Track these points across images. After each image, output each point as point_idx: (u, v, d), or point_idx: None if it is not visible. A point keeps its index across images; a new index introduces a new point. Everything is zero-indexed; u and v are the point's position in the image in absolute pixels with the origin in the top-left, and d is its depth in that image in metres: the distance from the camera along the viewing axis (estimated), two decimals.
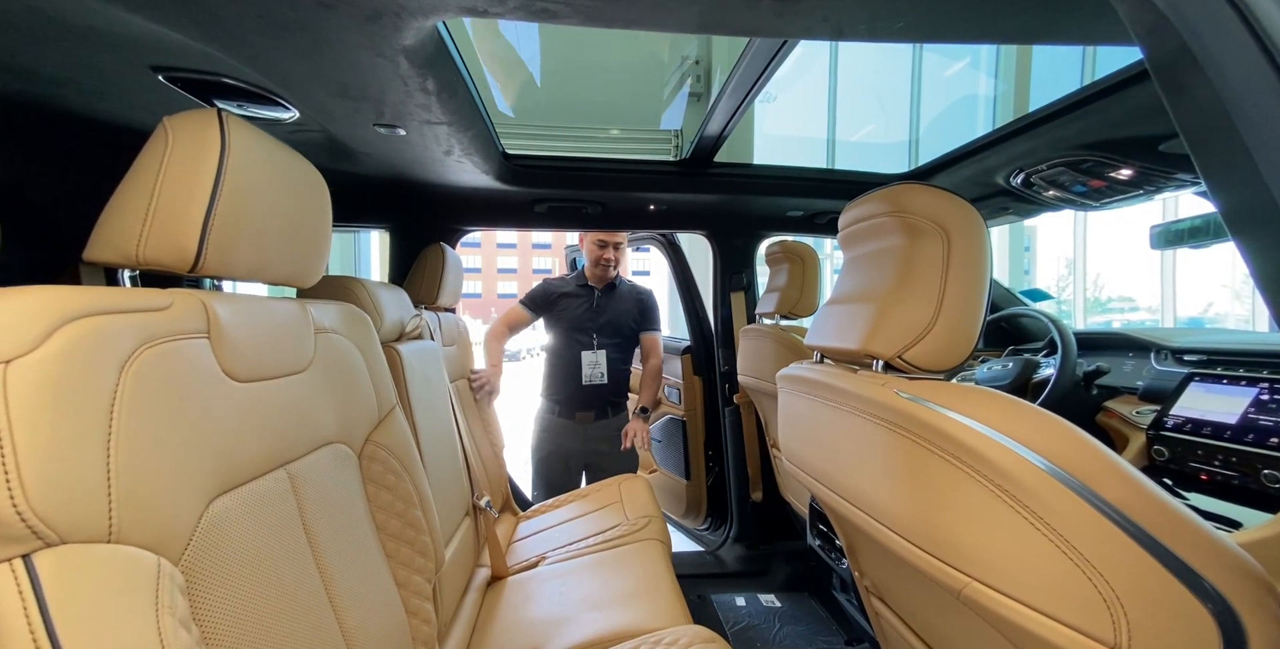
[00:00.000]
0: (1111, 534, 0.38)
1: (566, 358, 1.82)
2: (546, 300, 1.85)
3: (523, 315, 1.86)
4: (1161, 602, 0.37)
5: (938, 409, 0.47)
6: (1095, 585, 0.38)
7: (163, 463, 0.41)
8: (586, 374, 1.81)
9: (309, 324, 0.68)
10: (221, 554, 0.46)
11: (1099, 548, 0.38)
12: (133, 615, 0.35)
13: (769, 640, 1.45)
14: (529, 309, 1.86)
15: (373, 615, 0.66)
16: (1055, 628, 0.40)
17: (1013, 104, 6.89)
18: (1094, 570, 0.38)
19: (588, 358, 1.81)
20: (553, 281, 1.90)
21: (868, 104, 6.88)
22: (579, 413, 1.83)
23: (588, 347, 1.82)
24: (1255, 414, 0.94)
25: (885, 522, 0.55)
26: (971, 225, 0.53)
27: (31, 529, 0.32)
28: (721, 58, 5.88)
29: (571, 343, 1.82)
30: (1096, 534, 0.38)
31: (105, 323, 0.39)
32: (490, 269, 35.12)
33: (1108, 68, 0.94)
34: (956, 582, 0.46)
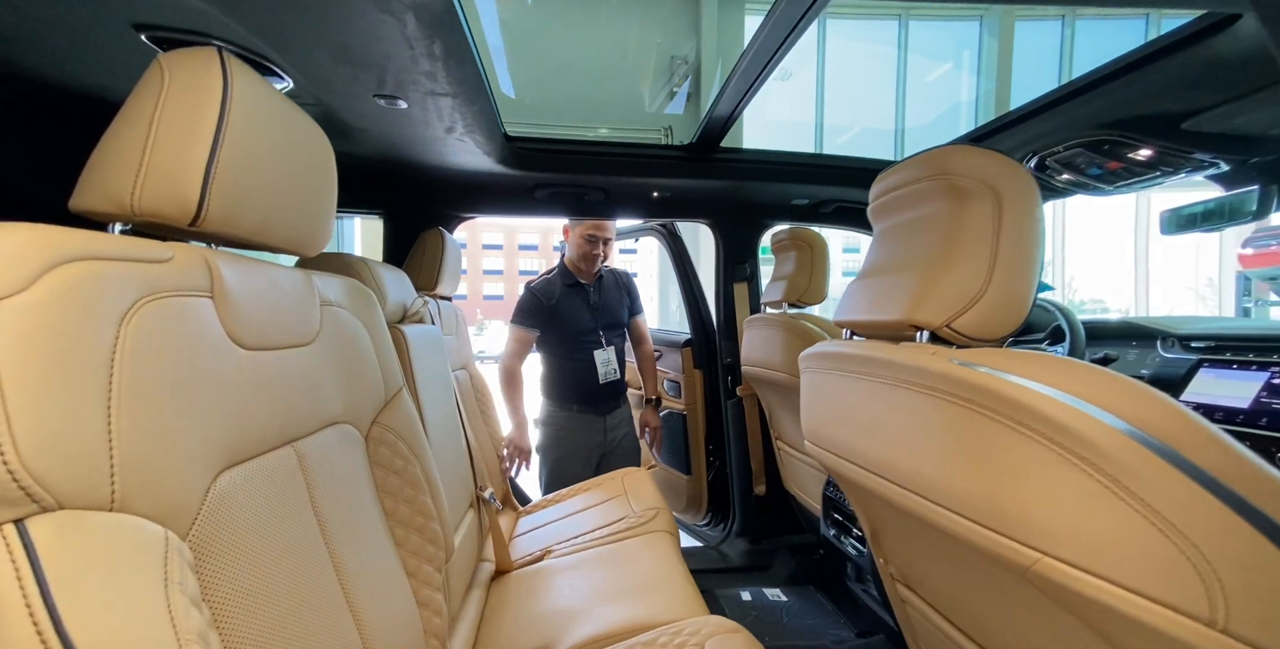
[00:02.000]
0: (1204, 501, 0.36)
1: (578, 360, 1.77)
2: (544, 310, 1.75)
3: (528, 337, 1.75)
4: (1261, 572, 0.34)
5: (1002, 375, 0.44)
6: (1188, 557, 0.36)
7: (167, 428, 0.37)
8: (602, 373, 1.77)
9: (314, 295, 0.64)
10: (230, 532, 0.42)
11: (1191, 517, 0.36)
12: (140, 591, 0.31)
13: (778, 635, 1.43)
14: (531, 327, 1.75)
15: (385, 605, 0.62)
16: (1141, 604, 0.37)
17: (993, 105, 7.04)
18: (1186, 541, 0.36)
19: (600, 357, 1.77)
20: (538, 287, 1.79)
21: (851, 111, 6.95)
22: (602, 404, 1.82)
23: (597, 345, 1.78)
24: (1267, 398, 0.94)
25: (935, 498, 0.52)
26: (1024, 185, 0.51)
27: (25, 491, 0.28)
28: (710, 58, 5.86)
29: (581, 345, 1.77)
30: (1187, 502, 0.36)
31: (102, 269, 0.35)
32: (475, 270, 34.69)
33: (1082, 68, 0.94)
34: (1024, 558, 0.43)
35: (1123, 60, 0.81)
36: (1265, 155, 0.86)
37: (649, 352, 1.97)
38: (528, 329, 1.75)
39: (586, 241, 1.75)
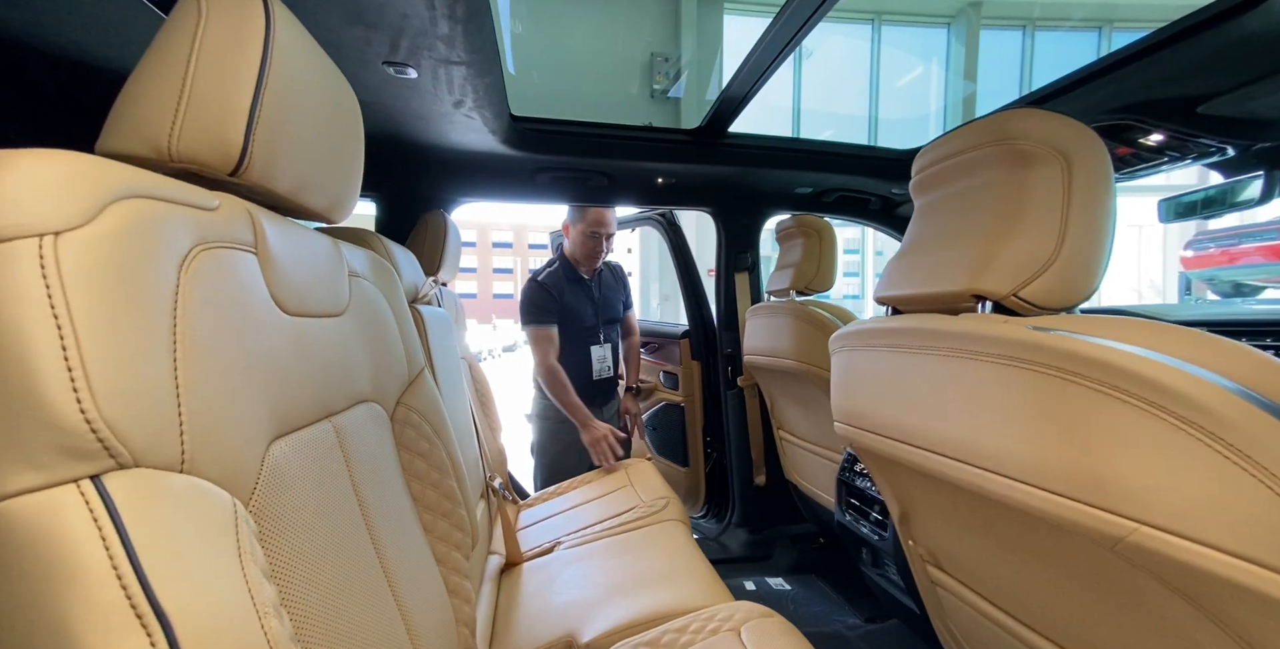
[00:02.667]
0: None
1: (578, 355, 1.74)
2: (555, 304, 1.70)
3: (550, 333, 1.69)
4: None
5: (1087, 338, 0.44)
6: None
7: (227, 387, 0.33)
8: (597, 370, 1.76)
9: (343, 264, 0.59)
10: (283, 506, 0.38)
11: None
12: (219, 560, 0.28)
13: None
14: (549, 323, 1.68)
15: (422, 591, 0.58)
16: (1254, 571, 0.36)
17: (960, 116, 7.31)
18: None
19: (596, 353, 1.76)
20: (546, 280, 1.74)
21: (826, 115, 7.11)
22: (598, 398, 1.81)
23: (595, 342, 1.76)
24: None
25: (1007, 472, 0.51)
26: (1094, 148, 0.51)
27: (104, 443, 0.25)
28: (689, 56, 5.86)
29: (581, 340, 1.75)
30: None
31: (158, 209, 0.31)
32: (486, 269, 33.83)
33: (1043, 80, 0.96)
34: (1118, 529, 0.42)
35: (1144, 42, 0.82)
36: (1274, 140, 0.89)
37: (636, 342, 2.00)
38: (548, 326, 1.68)
39: (590, 239, 1.71)
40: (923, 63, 7.73)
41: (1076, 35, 7.89)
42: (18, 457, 0.24)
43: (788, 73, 6.57)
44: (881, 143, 1.57)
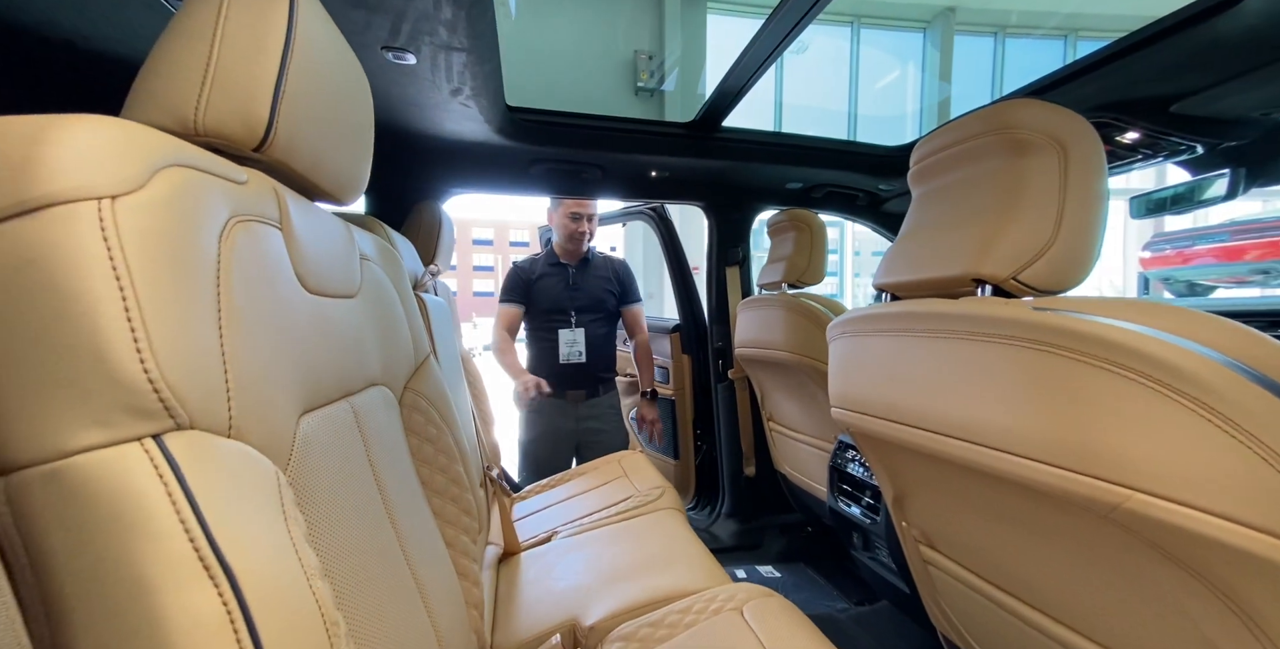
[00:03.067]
0: None
1: (546, 338, 1.75)
2: (525, 286, 1.76)
3: (514, 312, 1.76)
4: None
5: (1086, 316, 0.46)
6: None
7: (264, 357, 0.34)
8: (564, 353, 1.74)
9: (355, 247, 0.59)
10: (314, 479, 0.38)
11: None
12: (270, 522, 0.29)
13: None
14: (515, 302, 1.76)
15: (435, 570, 0.58)
16: (1242, 532, 0.39)
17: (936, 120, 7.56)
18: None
19: (565, 336, 1.74)
20: (522, 265, 1.80)
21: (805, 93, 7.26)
22: (570, 391, 1.76)
23: (565, 325, 1.75)
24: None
25: (1007, 447, 0.54)
26: (1089, 137, 0.54)
27: (164, 403, 0.25)
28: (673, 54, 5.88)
29: (549, 323, 1.75)
30: None
31: (199, 179, 0.31)
32: (466, 266, 33.08)
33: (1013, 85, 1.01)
34: (1113, 497, 0.45)
35: (1122, 43, 0.87)
36: (1240, 139, 0.95)
37: (643, 342, 1.92)
38: (513, 305, 1.75)
39: (570, 220, 1.72)
40: (900, 65, 7.94)
41: (1044, 43, 8.19)
42: (86, 414, 0.24)
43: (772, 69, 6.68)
44: (862, 140, 1.60)
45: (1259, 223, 5.11)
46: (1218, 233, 5.23)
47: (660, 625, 0.79)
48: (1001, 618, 0.74)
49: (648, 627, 0.79)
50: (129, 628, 0.23)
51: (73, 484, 0.24)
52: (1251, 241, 4.81)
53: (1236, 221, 5.44)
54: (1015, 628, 0.71)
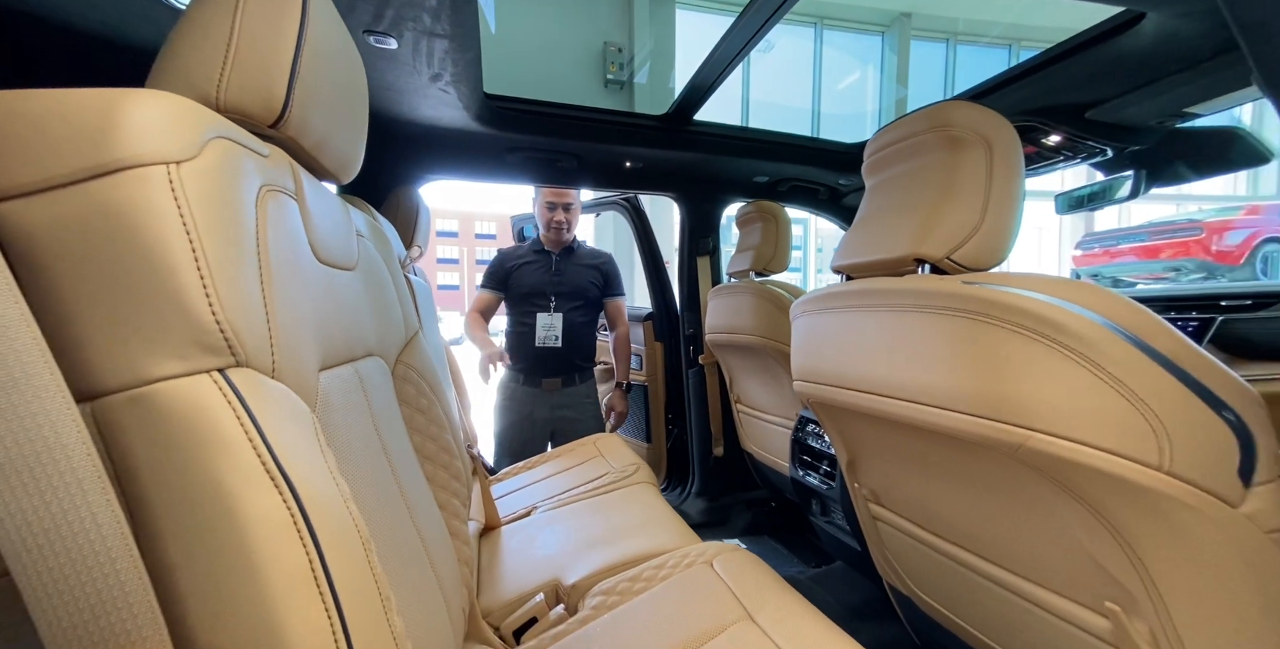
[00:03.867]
0: (1161, 377, 0.48)
1: (524, 322, 1.78)
2: (505, 272, 1.79)
3: (489, 298, 1.79)
4: (1196, 426, 0.47)
5: (1006, 289, 0.55)
6: (1146, 419, 0.47)
7: (292, 315, 0.38)
8: (540, 337, 1.76)
9: (351, 222, 0.62)
10: (334, 428, 0.42)
11: (1151, 388, 0.47)
12: (312, 450, 0.33)
13: None
14: (493, 289, 1.79)
15: (434, 527, 0.63)
16: (1111, 459, 0.48)
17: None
18: (1146, 407, 0.47)
19: (543, 320, 1.76)
20: (506, 251, 1.83)
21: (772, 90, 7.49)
22: (546, 380, 1.79)
23: (544, 309, 1.77)
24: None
25: (935, 402, 0.62)
26: (1010, 135, 0.63)
27: (228, 342, 0.30)
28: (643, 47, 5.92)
29: (528, 307, 1.77)
30: (1150, 378, 0.48)
31: (238, 150, 0.35)
32: (429, 258, 31.70)
33: (966, 84, 1.12)
34: (1017, 437, 0.54)
35: (1045, 55, 0.98)
36: (1142, 144, 1.09)
37: (623, 334, 1.95)
38: (491, 291, 1.78)
39: (546, 208, 1.75)
40: (861, 66, 8.26)
41: (991, 51, 8.69)
42: (165, 348, 0.28)
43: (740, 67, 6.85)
44: (825, 137, 1.70)
45: (1172, 225, 5.62)
46: (1138, 233, 5.72)
47: (638, 580, 0.86)
48: (937, 561, 0.84)
49: (626, 581, 0.86)
50: (210, 526, 0.27)
51: (156, 407, 0.28)
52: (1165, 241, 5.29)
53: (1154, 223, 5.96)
54: (948, 568, 0.82)
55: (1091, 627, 0.59)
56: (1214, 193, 9.67)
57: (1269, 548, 0.47)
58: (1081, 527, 0.56)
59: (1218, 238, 5.37)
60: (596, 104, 1.49)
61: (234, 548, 0.27)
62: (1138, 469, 0.48)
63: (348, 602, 0.30)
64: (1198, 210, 6.37)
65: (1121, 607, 0.54)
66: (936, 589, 0.90)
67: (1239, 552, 0.47)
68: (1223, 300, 1.02)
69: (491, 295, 1.79)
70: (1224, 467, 0.47)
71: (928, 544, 0.85)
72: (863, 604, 1.26)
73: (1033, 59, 1.00)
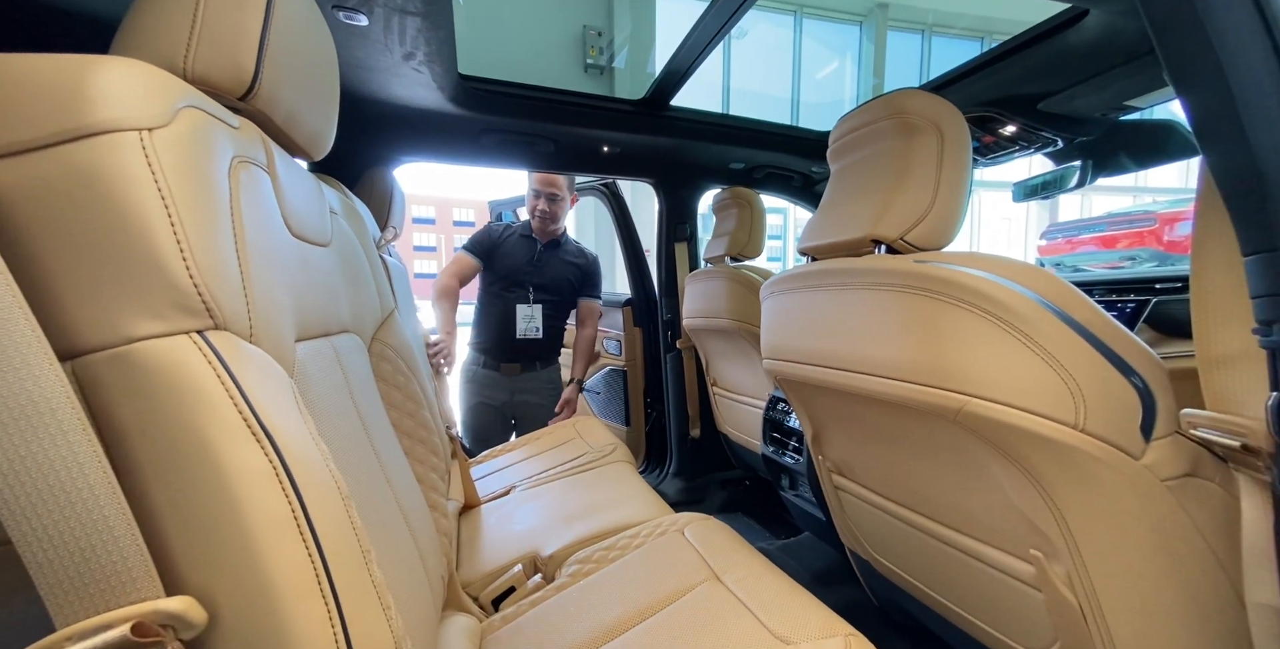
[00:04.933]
0: (1079, 344, 0.53)
1: (500, 309, 1.77)
2: (491, 244, 1.77)
3: (470, 262, 1.76)
4: (1107, 388, 0.53)
5: (952, 267, 0.60)
6: (1065, 383, 0.53)
7: (268, 284, 0.39)
8: (521, 328, 1.77)
9: (324, 198, 0.63)
10: (311, 397, 0.44)
11: (1070, 355, 0.53)
12: (292, 411, 0.35)
13: None
14: (475, 254, 1.77)
15: (413, 498, 0.65)
16: (1036, 420, 0.54)
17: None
18: (1065, 372, 0.53)
19: (523, 311, 1.76)
20: (495, 226, 1.82)
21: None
22: (505, 365, 1.80)
23: (523, 300, 1.77)
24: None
25: (886, 373, 0.67)
26: (959, 122, 0.67)
27: (206, 305, 0.31)
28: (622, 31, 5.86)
29: (506, 294, 1.77)
30: (1070, 346, 0.53)
31: (209, 120, 0.36)
32: (405, 246, 30.46)
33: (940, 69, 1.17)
34: (956, 402, 0.59)
35: (1001, 48, 1.03)
36: (1089, 135, 1.15)
37: (590, 336, 1.96)
38: (470, 255, 1.76)
39: (533, 195, 1.75)
40: (839, 56, 8.34)
41: (964, 43, 8.86)
42: (146, 310, 0.29)
43: (719, 53, 6.84)
44: (803, 125, 1.74)
45: (1128, 215, 5.88)
46: (1099, 223, 5.97)
47: (613, 549, 0.90)
48: (892, 525, 0.90)
49: (601, 550, 0.89)
50: (194, 476, 0.29)
51: (138, 365, 0.29)
52: (1121, 231, 5.53)
53: (1113, 213, 6.22)
54: (901, 531, 0.88)
55: (1019, 573, 0.65)
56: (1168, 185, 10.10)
57: (1165, 495, 0.53)
58: (1010, 481, 0.62)
59: (1169, 228, 5.64)
60: (576, 89, 1.49)
61: (218, 496, 0.29)
62: (1057, 428, 0.53)
63: (330, 548, 0.32)
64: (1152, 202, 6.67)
65: (1044, 553, 0.60)
66: (892, 551, 0.96)
67: (1139, 498, 0.53)
68: (1157, 283, 1.10)
69: (473, 261, 1.76)
70: (1128, 424, 0.53)
71: (884, 509, 0.91)
72: (825, 570, 1.34)
73: (990, 52, 1.05)
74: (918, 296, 0.62)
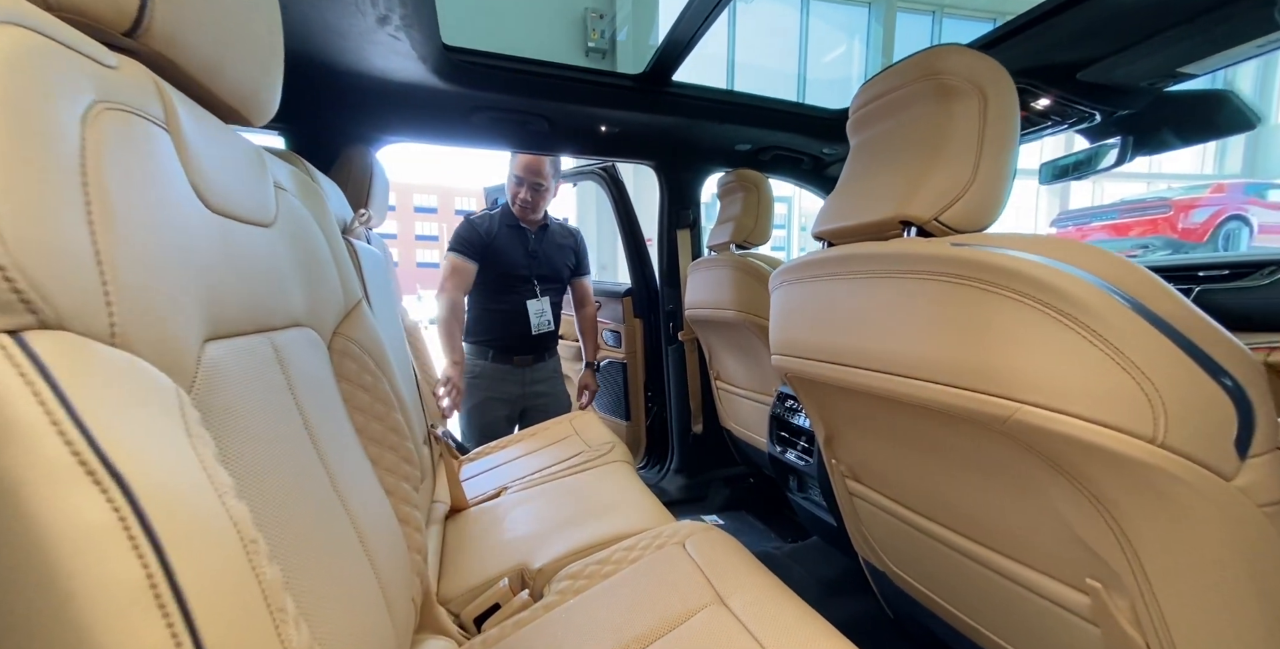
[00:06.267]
0: (1159, 342, 0.44)
1: (503, 305, 1.68)
2: (482, 243, 1.65)
3: (468, 268, 1.62)
4: (1193, 394, 0.44)
5: (998, 250, 0.50)
6: (1142, 388, 0.44)
7: (152, 267, 0.30)
8: (535, 324, 1.69)
9: (267, 171, 0.54)
10: (225, 409, 0.36)
11: (1148, 355, 0.44)
12: (167, 434, 0.26)
13: None
14: (469, 257, 1.63)
15: (374, 514, 0.57)
16: (1103, 432, 0.45)
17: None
18: (1142, 375, 0.44)
19: (534, 307, 1.69)
20: (477, 220, 1.69)
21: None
22: (518, 357, 1.73)
23: (531, 295, 1.69)
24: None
25: (917, 374, 0.58)
26: (1005, 83, 0.57)
27: (20, 294, 0.22)
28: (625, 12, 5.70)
29: (510, 291, 1.68)
30: (1147, 343, 0.44)
31: (45, 45, 0.27)
32: (408, 235, 30.02)
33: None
34: (1004, 409, 0.50)
35: (1037, 10, 0.92)
36: (1131, 108, 1.05)
37: (591, 314, 1.91)
38: (468, 259, 1.62)
39: (514, 182, 1.64)
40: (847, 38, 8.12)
41: (977, 25, 8.62)
42: None
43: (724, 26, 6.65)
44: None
45: (1141, 202, 5.73)
46: (1110, 211, 5.82)
47: (606, 562, 0.82)
48: (913, 537, 0.82)
49: (594, 564, 0.82)
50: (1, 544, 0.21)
51: None
52: (1134, 219, 5.39)
53: (1126, 201, 6.07)
54: (924, 545, 0.80)
55: (1070, 603, 0.57)
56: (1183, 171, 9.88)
57: (1261, 522, 0.45)
58: (1065, 501, 0.53)
59: (1184, 215, 5.50)
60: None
61: (33, 562, 0.21)
62: (1129, 441, 0.44)
63: (209, 617, 0.24)
64: (1167, 188, 6.51)
65: (1102, 583, 0.52)
66: (911, 565, 0.88)
67: (1230, 527, 0.44)
68: (1200, 270, 1.00)
69: (470, 265, 1.63)
70: (1220, 438, 0.44)
71: (905, 520, 0.83)
72: (837, 578, 1.27)
73: (1025, 14, 0.94)
74: (957, 285, 0.53)
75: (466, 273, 1.62)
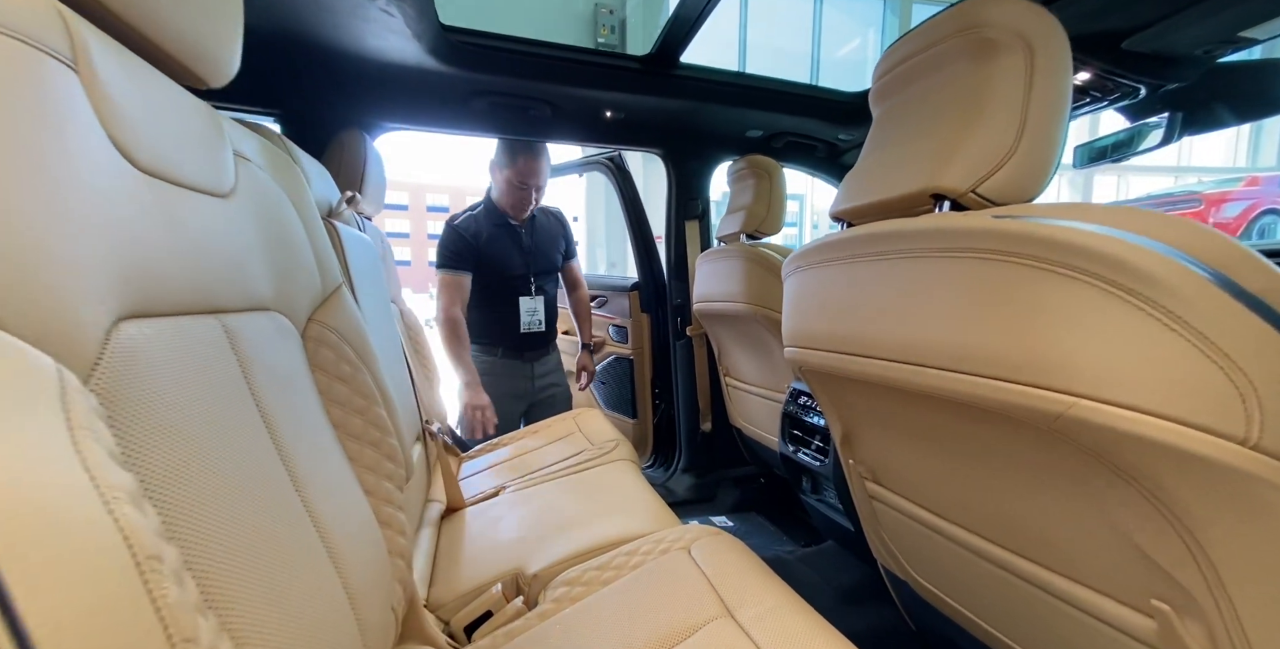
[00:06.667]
0: (1252, 324, 0.37)
1: (505, 306, 1.64)
2: (471, 251, 1.58)
3: (461, 281, 1.56)
4: None
5: (1050, 222, 0.44)
6: (1232, 380, 0.37)
7: (38, 226, 0.25)
8: (525, 323, 1.66)
9: (224, 137, 0.49)
10: (145, 395, 0.31)
11: (1239, 340, 0.37)
12: (32, 424, 0.21)
13: None
14: (461, 270, 1.56)
15: (346, 515, 0.52)
16: (1181, 432, 0.38)
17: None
18: (1232, 364, 0.36)
19: (526, 305, 1.65)
20: (462, 225, 1.60)
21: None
22: (528, 352, 1.71)
23: (525, 293, 1.65)
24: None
25: (955, 365, 0.52)
26: (1056, 33, 0.50)
27: None
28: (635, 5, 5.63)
29: (509, 291, 1.64)
30: (1237, 326, 0.37)
31: None
32: (420, 233, 29.63)
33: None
34: (1057, 405, 0.43)
35: None
36: (1181, 81, 0.96)
37: (584, 296, 1.91)
38: (459, 273, 1.57)
39: (518, 189, 1.57)
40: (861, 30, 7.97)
41: None
42: None
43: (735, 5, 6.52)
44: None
45: (1170, 197, 5.52)
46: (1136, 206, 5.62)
47: (606, 568, 0.76)
48: (940, 545, 0.75)
49: (593, 570, 0.76)
50: None
51: None
52: None
53: (1153, 195, 5.86)
54: (953, 553, 0.73)
55: (1129, 626, 0.50)
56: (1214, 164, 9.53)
57: None
58: (1127, 511, 0.46)
59: (1215, 210, 5.28)
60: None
61: None
62: (1216, 443, 0.37)
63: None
64: (1197, 182, 6.27)
65: (1172, 606, 0.45)
66: (937, 575, 0.82)
67: None
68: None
69: (462, 277, 1.56)
70: None
71: (930, 526, 0.77)
72: (854, 586, 1.20)
73: None
74: (1001, 263, 0.47)
75: (461, 287, 1.57)
